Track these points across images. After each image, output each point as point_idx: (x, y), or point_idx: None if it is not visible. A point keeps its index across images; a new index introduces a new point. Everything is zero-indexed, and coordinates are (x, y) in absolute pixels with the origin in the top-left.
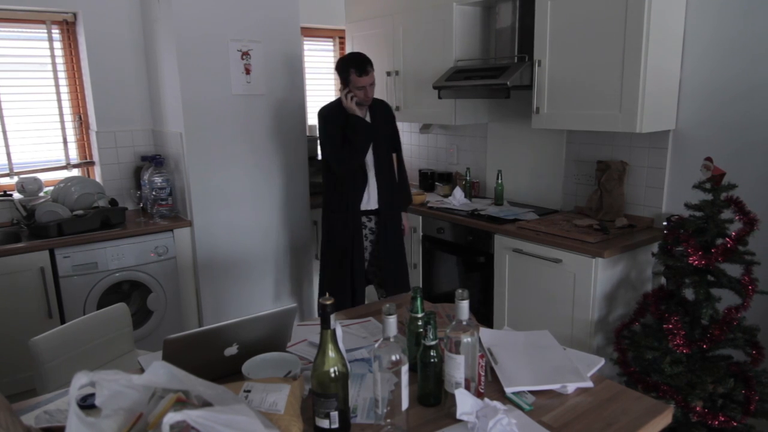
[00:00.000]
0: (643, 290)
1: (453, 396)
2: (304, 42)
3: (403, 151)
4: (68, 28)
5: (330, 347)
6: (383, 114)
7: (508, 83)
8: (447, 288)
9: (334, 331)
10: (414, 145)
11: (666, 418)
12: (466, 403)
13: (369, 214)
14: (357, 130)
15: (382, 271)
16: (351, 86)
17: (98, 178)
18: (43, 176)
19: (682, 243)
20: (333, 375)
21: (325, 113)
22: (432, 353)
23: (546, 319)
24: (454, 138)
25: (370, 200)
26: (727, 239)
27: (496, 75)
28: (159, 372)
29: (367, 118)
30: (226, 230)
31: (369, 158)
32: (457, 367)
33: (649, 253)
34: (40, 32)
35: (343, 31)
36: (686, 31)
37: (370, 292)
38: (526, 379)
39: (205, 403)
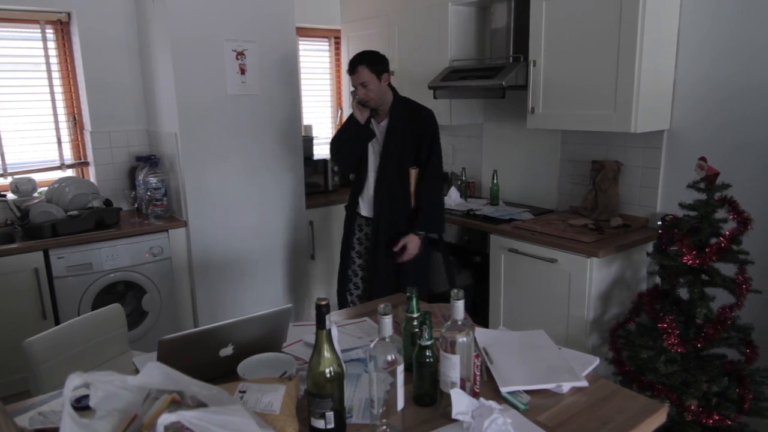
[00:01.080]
0: (637, 290)
1: (448, 396)
2: (300, 42)
3: None
4: (62, 27)
5: (325, 347)
6: (408, 123)
7: (504, 83)
8: (443, 288)
9: (329, 332)
10: None
11: (661, 417)
12: (461, 403)
13: (368, 219)
14: (345, 128)
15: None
16: None
17: (93, 179)
18: (37, 177)
19: (677, 242)
20: (328, 375)
21: None
22: (427, 353)
23: (541, 318)
24: (449, 138)
25: (363, 206)
26: (721, 239)
27: (492, 75)
28: (154, 373)
29: (384, 123)
30: (222, 231)
31: (371, 164)
32: (452, 367)
33: (644, 253)
34: (34, 32)
35: (339, 31)
36: (680, 32)
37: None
38: (522, 378)
39: (200, 404)
